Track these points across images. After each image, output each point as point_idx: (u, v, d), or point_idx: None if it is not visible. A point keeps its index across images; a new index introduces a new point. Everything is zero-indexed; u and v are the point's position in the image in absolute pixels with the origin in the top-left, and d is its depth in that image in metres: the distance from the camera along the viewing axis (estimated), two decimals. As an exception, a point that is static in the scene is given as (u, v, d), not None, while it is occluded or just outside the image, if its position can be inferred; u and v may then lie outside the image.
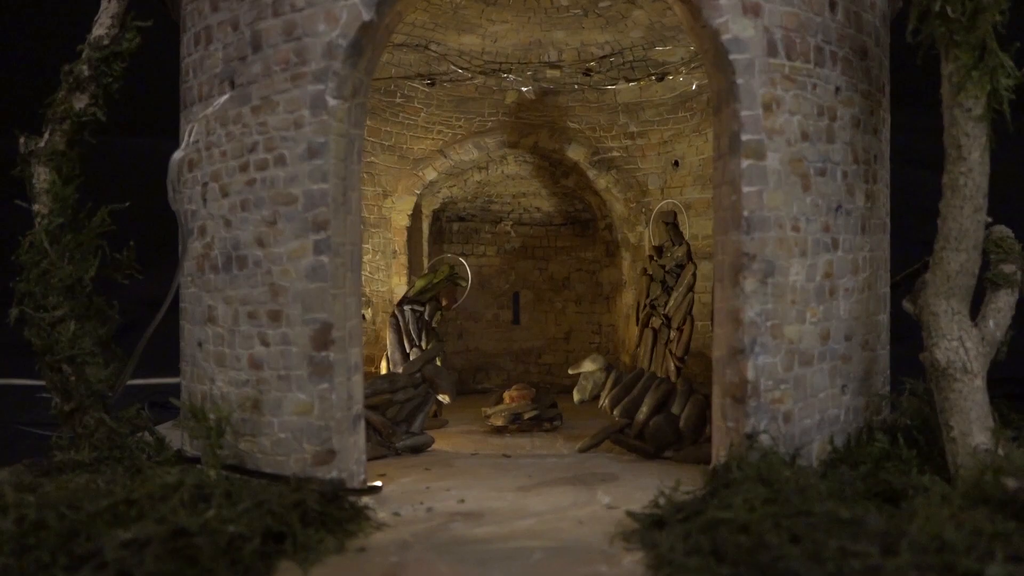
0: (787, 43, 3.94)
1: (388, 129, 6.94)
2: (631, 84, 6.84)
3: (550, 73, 6.82)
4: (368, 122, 4.43)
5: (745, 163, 3.88)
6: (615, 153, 7.11)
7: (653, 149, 6.95)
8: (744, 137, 3.88)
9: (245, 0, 4.07)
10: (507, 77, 6.87)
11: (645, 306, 6.62)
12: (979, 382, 3.70)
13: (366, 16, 3.82)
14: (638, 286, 6.94)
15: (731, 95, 3.91)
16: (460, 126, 7.15)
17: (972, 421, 3.63)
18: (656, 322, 6.47)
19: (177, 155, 4.31)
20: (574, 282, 7.98)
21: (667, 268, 6.50)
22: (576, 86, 6.96)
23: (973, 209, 3.71)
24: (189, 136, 4.24)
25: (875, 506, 3.10)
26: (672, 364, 6.24)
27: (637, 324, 6.75)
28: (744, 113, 3.88)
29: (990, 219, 3.79)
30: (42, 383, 4.59)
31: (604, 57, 6.63)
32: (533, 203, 7.99)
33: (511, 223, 8.03)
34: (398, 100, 6.86)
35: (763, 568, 2.58)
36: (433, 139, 7.12)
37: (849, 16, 4.22)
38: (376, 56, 4.08)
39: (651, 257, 6.73)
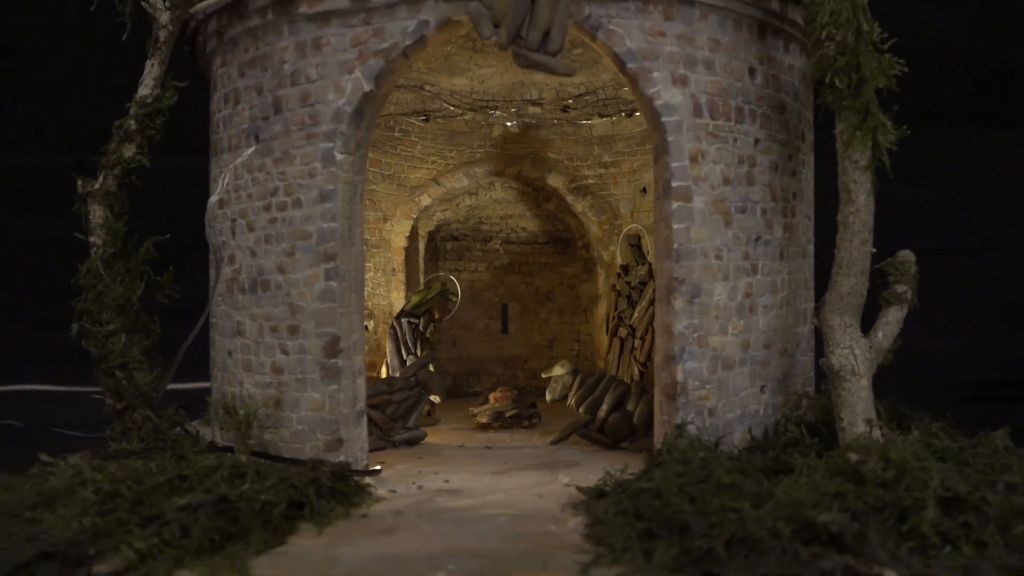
0: (711, 106, 4.73)
1: (388, 160, 7.54)
2: (604, 119, 7.47)
3: (532, 110, 7.46)
4: (370, 154, 5.13)
5: (675, 205, 4.65)
6: (590, 180, 7.75)
7: (624, 177, 7.59)
8: (674, 184, 4.64)
9: (268, 70, 4.91)
10: (493, 113, 7.50)
11: (613, 318, 7.25)
12: (865, 382, 4.48)
13: (367, 87, 4.65)
14: (608, 300, 7.64)
15: (664, 149, 4.69)
16: (452, 157, 7.76)
17: (857, 414, 4.43)
18: (623, 332, 7.17)
19: (212, 199, 5.11)
20: (557, 295, 8.51)
21: (632, 284, 7.14)
22: (555, 121, 7.60)
23: (860, 242, 4.50)
24: (223, 182, 5.06)
25: (769, 479, 3.92)
26: (636, 369, 6.99)
27: (607, 334, 7.52)
28: (674, 164, 4.63)
29: (875, 250, 4.56)
30: (71, 388, 5.22)
31: (580, 96, 7.26)
32: (519, 224, 8.51)
33: (500, 242, 8.52)
34: (396, 134, 7.50)
35: (666, 521, 3.42)
36: (428, 168, 7.72)
37: (768, 79, 5.01)
38: (375, 116, 4.88)
39: (619, 274, 7.35)
